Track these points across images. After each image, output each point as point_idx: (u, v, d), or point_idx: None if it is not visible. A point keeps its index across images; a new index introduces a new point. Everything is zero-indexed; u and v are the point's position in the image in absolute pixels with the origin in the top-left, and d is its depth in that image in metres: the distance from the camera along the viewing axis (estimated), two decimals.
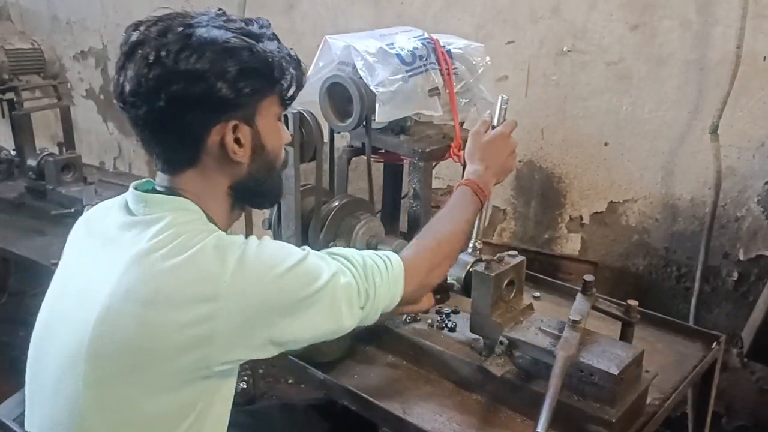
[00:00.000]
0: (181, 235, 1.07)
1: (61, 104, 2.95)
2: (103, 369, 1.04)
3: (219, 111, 1.09)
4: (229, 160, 1.13)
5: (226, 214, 1.20)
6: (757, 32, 2.08)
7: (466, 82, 1.75)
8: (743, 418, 2.46)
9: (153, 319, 1.02)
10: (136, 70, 1.06)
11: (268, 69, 1.12)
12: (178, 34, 1.06)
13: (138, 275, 1.04)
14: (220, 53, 1.06)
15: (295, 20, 3.05)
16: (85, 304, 1.07)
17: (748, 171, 2.22)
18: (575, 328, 1.32)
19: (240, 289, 1.04)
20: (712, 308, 2.40)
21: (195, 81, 1.05)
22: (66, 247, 1.23)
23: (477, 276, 1.40)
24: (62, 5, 4.01)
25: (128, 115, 1.10)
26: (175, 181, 1.15)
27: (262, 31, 1.14)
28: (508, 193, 2.72)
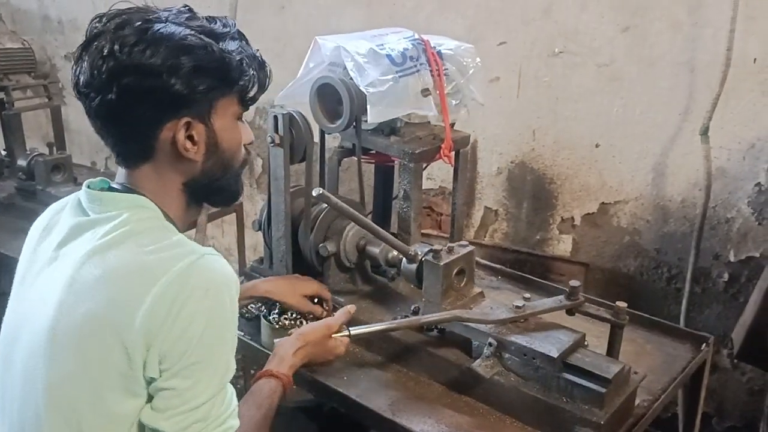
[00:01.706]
0: (139, 232, 1.07)
1: (51, 104, 2.94)
2: (59, 371, 1.04)
3: (171, 107, 1.08)
4: (182, 157, 1.12)
5: (182, 211, 1.20)
6: (747, 34, 2.08)
7: (457, 83, 1.74)
8: (733, 419, 2.47)
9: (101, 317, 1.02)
10: (91, 61, 1.06)
11: (224, 68, 1.11)
12: (135, 28, 1.06)
13: (89, 273, 1.04)
14: (174, 49, 1.06)
15: (287, 21, 3.05)
16: (41, 309, 1.08)
17: (738, 172, 2.23)
18: (513, 311, 1.39)
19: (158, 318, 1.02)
20: (702, 309, 2.40)
21: (147, 75, 1.05)
22: (22, 255, 1.23)
23: (427, 265, 1.45)
24: (53, 5, 3.99)
25: (83, 105, 1.11)
26: (132, 176, 1.15)
27: (225, 30, 1.13)
28: (500, 194, 2.72)
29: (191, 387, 1.03)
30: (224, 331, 1.07)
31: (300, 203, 1.71)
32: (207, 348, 1.04)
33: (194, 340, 1.02)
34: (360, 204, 1.79)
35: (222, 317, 1.06)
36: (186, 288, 1.02)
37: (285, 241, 1.69)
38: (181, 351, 1.02)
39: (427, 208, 2.83)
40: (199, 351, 1.03)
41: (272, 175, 1.67)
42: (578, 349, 1.35)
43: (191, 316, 1.02)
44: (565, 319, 1.46)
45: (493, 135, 2.66)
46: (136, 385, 1.03)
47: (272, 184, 1.68)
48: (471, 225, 2.81)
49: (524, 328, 1.40)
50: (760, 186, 2.21)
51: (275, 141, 1.61)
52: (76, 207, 1.16)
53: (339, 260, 1.69)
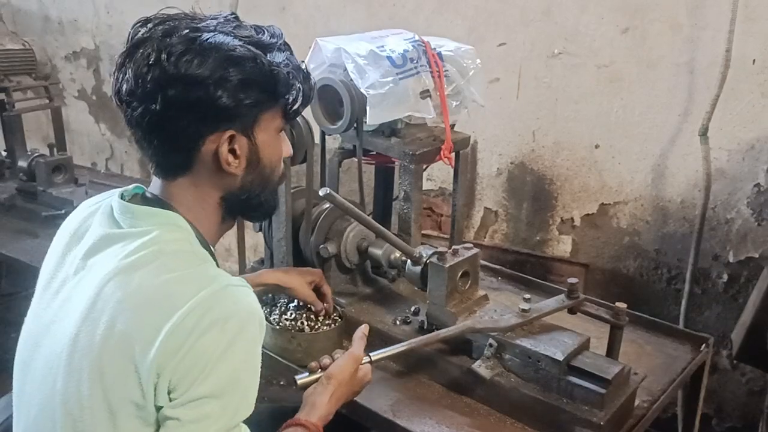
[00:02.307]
0: (166, 254, 1.04)
1: (52, 105, 2.94)
2: (76, 387, 1.02)
3: (216, 120, 1.05)
4: (223, 171, 1.09)
5: (216, 226, 1.17)
6: (747, 35, 2.09)
7: (457, 85, 1.75)
8: (733, 420, 2.47)
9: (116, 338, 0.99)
10: (136, 69, 1.02)
11: (272, 82, 1.08)
12: (182, 37, 1.02)
13: (112, 292, 1.01)
14: (223, 61, 1.02)
15: (288, 22, 3.05)
16: (64, 320, 1.06)
17: (738, 173, 2.24)
18: (519, 315, 1.38)
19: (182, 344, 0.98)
20: (702, 310, 2.41)
21: (193, 87, 1.01)
22: (48, 255, 1.19)
23: (432, 267, 1.45)
24: (54, 5, 3.99)
25: (124, 113, 1.07)
26: (167, 187, 1.12)
27: (273, 41, 1.10)
28: (500, 195, 2.73)
29: (196, 420, 0.98)
30: (241, 368, 1.02)
31: (301, 204, 1.71)
32: (219, 383, 0.98)
33: (206, 373, 0.97)
34: (360, 205, 1.79)
35: (240, 353, 1.00)
36: (204, 319, 0.98)
37: (286, 242, 1.70)
38: (190, 381, 0.97)
39: (427, 209, 2.84)
40: (210, 385, 0.98)
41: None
42: (583, 352, 1.35)
43: (206, 348, 0.97)
44: (566, 319, 1.47)
45: (492, 136, 2.66)
46: (148, 415, 0.99)
47: None
48: (471, 226, 2.81)
49: (528, 330, 1.39)
50: (759, 187, 2.21)
51: None
52: (108, 215, 1.12)
53: (340, 261, 1.70)
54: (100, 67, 3.93)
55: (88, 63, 3.99)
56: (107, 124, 4.05)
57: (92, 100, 4.07)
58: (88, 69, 4.00)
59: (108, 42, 3.79)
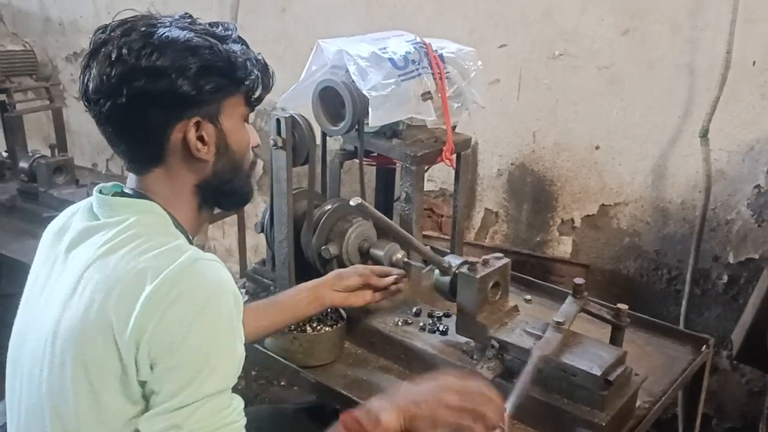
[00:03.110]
0: (141, 236, 1.08)
1: (53, 106, 2.94)
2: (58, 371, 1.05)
3: (181, 108, 1.10)
4: (194, 158, 1.14)
5: (193, 216, 1.20)
6: (747, 37, 2.09)
7: (458, 86, 1.75)
8: (733, 420, 2.48)
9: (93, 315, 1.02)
10: (99, 68, 1.08)
11: (230, 67, 1.12)
12: (140, 33, 1.08)
13: (92, 278, 1.05)
14: (181, 51, 1.07)
15: (288, 23, 3.05)
16: (48, 311, 1.09)
17: (738, 174, 2.24)
18: (558, 329, 1.34)
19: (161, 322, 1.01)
20: (702, 311, 2.41)
21: (156, 77, 1.06)
22: (35, 258, 1.23)
23: (462, 278, 1.41)
24: (55, 6, 4.00)
25: (92, 113, 1.12)
26: (143, 181, 1.16)
27: (227, 33, 1.15)
28: (500, 196, 2.73)
29: (171, 391, 1.01)
30: (212, 340, 1.03)
31: (302, 205, 1.72)
32: (189, 354, 1.01)
33: (176, 345, 1.00)
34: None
35: (209, 325, 1.02)
36: (173, 291, 1.01)
37: (287, 244, 1.70)
38: (164, 353, 1.00)
39: (427, 209, 2.84)
40: (181, 356, 1.00)
41: (274, 177, 1.67)
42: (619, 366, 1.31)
43: (176, 319, 1.00)
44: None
45: (493, 137, 2.67)
46: (131, 390, 1.03)
47: (274, 187, 1.68)
48: (471, 227, 2.82)
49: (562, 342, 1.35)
50: (759, 188, 2.22)
51: (278, 143, 1.62)
52: (88, 211, 1.17)
53: (341, 262, 1.70)
54: None
55: None
56: None
57: None
58: None
59: None
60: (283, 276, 1.73)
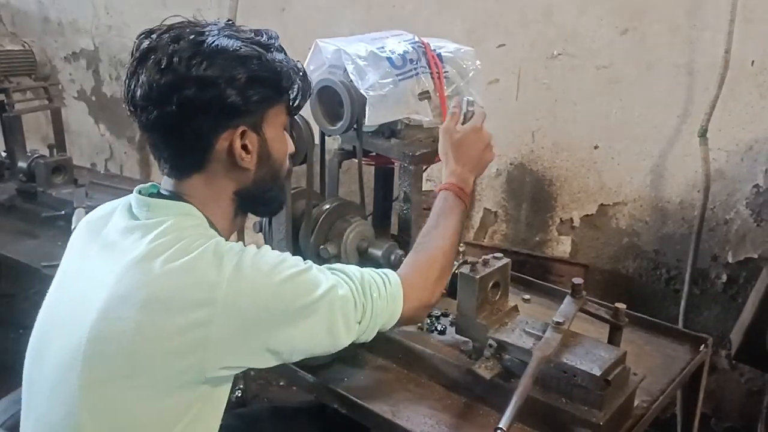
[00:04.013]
0: (182, 240, 1.08)
1: (52, 106, 2.95)
2: (99, 373, 1.05)
3: (228, 117, 1.11)
4: (236, 166, 1.16)
5: (228, 221, 1.22)
6: (746, 37, 2.09)
7: (457, 86, 1.75)
8: (732, 420, 2.48)
9: (149, 322, 1.03)
10: (149, 75, 1.08)
11: (276, 78, 1.14)
12: (189, 42, 1.09)
13: (136, 279, 1.05)
14: (230, 61, 1.09)
15: (287, 23, 3.05)
16: (82, 309, 1.08)
17: (737, 174, 2.24)
18: (558, 330, 1.33)
19: (236, 295, 1.05)
20: (701, 310, 2.41)
21: (206, 87, 1.08)
22: (67, 250, 1.23)
23: (462, 278, 1.41)
24: (53, 6, 4.00)
25: (139, 119, 1.12)
26: (181, 185, 1.17)
27: (271, 42, 1.17)
28: (499, 196, 2.73)
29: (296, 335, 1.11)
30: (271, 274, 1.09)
31: (300, 205, 1.72)
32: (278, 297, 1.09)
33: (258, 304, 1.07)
34: (360, 206, 1.80)
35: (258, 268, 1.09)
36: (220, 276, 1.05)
37: (286, 243, 1.70)
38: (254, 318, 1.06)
39: (426, 209, 2.83)
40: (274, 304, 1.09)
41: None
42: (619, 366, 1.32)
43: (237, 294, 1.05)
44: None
45: (492, 137, 2.66)
46: (203, 375, 1.05)
47: None
48: (470, 226, 2.82)
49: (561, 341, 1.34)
50: (758, 187, 2.22)
51: None
52: (127, 210, 1.18)
53: (340, 262, 1.70)
54: (100, 67, 3.94)
55: (87, 64, 3.99)
56: (107, 124, 4.06)
57: (92, 101, 4.07)
58: (87, 70, 4.01)
59: (107, 43, 3.80)
60: None
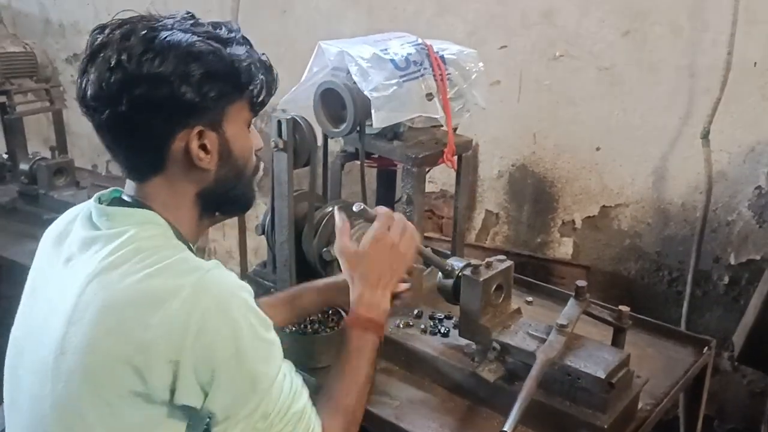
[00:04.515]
0: (144, 251, 1.05)
1: (53, 108, 2.94)
2: (66, 391, 1.02)
3: (183, 116, 1.06)
4: (195, 167, 1.10)
5: (194, 224, 1.17)
6: (748, 38, 2.09)
7: (459, 88, 1.75)
8: (735, 421, 2.48)
9: (102, 338, 1.00)
10: (98, 73, 1.03)
11: (234, 73, 1.08)
12: (141, 37, 1.03)
13: (94, 293, 1.02)
14: (183, 57, 1.03)
15: (289, 25, 3.05)
16: (49, 324, 1.06)
17: (739, 176, 2.24)
18: (562, 332, 1.33)
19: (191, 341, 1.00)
20: (703, 312, 2.41)
21: (158, 85, 1.02)
22: (34, 262, 1.20)
23: (465, 281, 1.41)
24: (55, 8, 4.00)
25: (90, 119, 1.08)
26: (142, 189, 1.13)
27: (231, 36, 1.11)
28: (501, 197, 2.73)
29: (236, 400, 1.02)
30: (247, 339, 1.03)
31: (303, 207, 1.72)
32: (236, 362, 1.02)
33: (221, 359, 1.00)
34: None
35: (239, 327, 1.02)
36: (197, 311, 0.99)
37: (289, 246, 1.70)
38: (210, 372, 1.00)
39: (428, 211, 2.84)
40: (234, 368, 1.01)
41: (276, 179, 1.67)
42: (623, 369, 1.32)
43: (212, 338, 0.99)
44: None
45: (493, 138, 2.67)
46: (151, 398, 1.00)
47: (276, 189, 1.68)
48: (472, 228, 2.82)
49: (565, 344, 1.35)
50: (760, 189, 2.22)
51: (279, 145, 1.62)
52: (87, 219, 1.13)
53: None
54: None
55: None
56: None
57: None
58: None
59: None
60: (284, 278, 1.73)
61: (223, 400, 1.02)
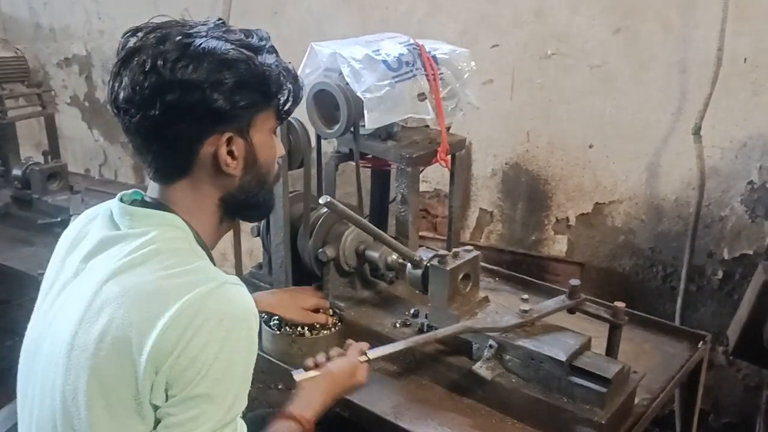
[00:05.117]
0: (163, 253, 1.06)
1: (45, 112, 2.92)
2: (75, 386, 1.03)
3: (213, 122, 1.08)
4: (221, 172, 1.12)
5: (214, 228, 1.18)
6: (738, 34, 2.11)
7: (452, 87, 1.76)
8: (730, 415, 2.49)
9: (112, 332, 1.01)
10: (132, 77, 1.04)
11: (264, 83, 1.10)
12: (176, 43, 1.05)
13: (110, 291, 1.03)
14: (217, 64, 1.05)
15: (281, 26, 3.05)
16: (65, 319, 1.07)
17: (731, 171, 2.25)
18: (520, 315, 1.39)
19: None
20: (697, 307, 2.42)
21: (190, 91, 1.04)
22: (50, 264, 1.21)
23: (433, 271, 1.45)
24: (45, 12, 3.98)
25: (122, 121, 1.09)
26: (166, 191, 1.14)
27: (262, 44, 1.13)
28: (495, 196, 2.74)
29: (194, 418, 1.00)
30: (236, 364, 1.03)
31: (298, 208, 1.72)
32: (215, 381, 1.01)
33: (202, 371, 0.99)
34: (358, 208, 1.80)
35: (234, 350, 1.02)
36: (199, 316, 1.00)
37: (284, 247, 1.70)
38: (187, 380, 0.99)
39: (422, 210, 2.84)
40: (206, 383, 1.00)
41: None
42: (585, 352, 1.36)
43: (202, 345, 0.99)
44: (564, 319, 1.47)
45: (487, 137, 2.67)
46: (144, 408, 1.01)
47: None
48: (466, 227, 2.82)
49: (530, 331, 1.40)
50: (752, 184, 2.23)
51: None
52: (108, 219, 1.14)
53: (338, 265, 1.70)
54: (92, 73, 3.92)
55: (80, 69, 3.98)
56: (100, 130, 4.04)
57: (85, 107, 4.06)
58: (80, 75, 3.99)
59: (100, 48, 3.78)
60: (280, 280, 1.73)
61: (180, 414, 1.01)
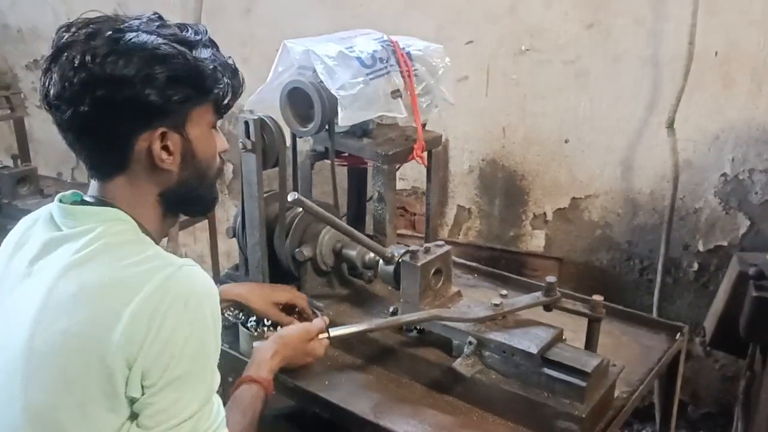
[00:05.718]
0: (114, 246, 1.05)
1: (14, 115, 2.88)
2: (37, 393, 1.01)
3: (146, 118, 1.06)
4: (158, 168, 1.10)
5: (158, 222, 1.17)
6: (708, 28, 2.13)
7: (427, 84, 1.75)
8: (708, 406, 2.52)
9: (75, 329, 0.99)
10: (62, 73, 1.03)
11: (199, 77, 1.09)
12: (106, 38, 1.03)
13: (66, 285, 1.02)
14: (148, 59, 1.03)
15: (253, 25, 3.03)
16: (15, 328, 1.04)
17: (705, 164, 2.28)
18: (491, 308, 1.39)
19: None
20: (674, 299, 2.45)
21: (121, 86, 1.02)
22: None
23: (405, 266, 1.45)
24: (12, 13, 3.91)
25: (53, 117, 1.08)
26: (105, 187, 1.12)
27: (197, 38, 1.11)
28: (472, 192, 2.74)
29: (176, 401, 1.01)
30: (207, 342, 1.04)
31: (274, 208, 1.70)
32: (190, 360, 1.02)
33: (177, 354, 1.00)
34: (334, 207, 1.79)
35: (204, 328, 1.04)
36: (165, 301, 1.00)
37: (260, 247, 1.68)
38: (163, 366, 0.99)
39: (400, 208, 2.84)
40: (183, 364, 1.01)
41: (245, 180, 1.65)
42: (557, 344, 1.36)
43: (172, 329, 0.99)
44: (543, 315, 1.47)
45: (463, 133, 2.67)
46: (117, 402, 1.00)
47: (245, 190, 1.66)
48: (445, 224, 2.82)
49: (503, 325, 1.40)
50: (725, 176, 2.26)
51: (247, 146, 1.60)
52: (49, 221, 1.12)
53: (316, 264, 1.69)
54: None
55: None
56: None
57: None
58: None
59: None
60: (257, 280, 1.71)
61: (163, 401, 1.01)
